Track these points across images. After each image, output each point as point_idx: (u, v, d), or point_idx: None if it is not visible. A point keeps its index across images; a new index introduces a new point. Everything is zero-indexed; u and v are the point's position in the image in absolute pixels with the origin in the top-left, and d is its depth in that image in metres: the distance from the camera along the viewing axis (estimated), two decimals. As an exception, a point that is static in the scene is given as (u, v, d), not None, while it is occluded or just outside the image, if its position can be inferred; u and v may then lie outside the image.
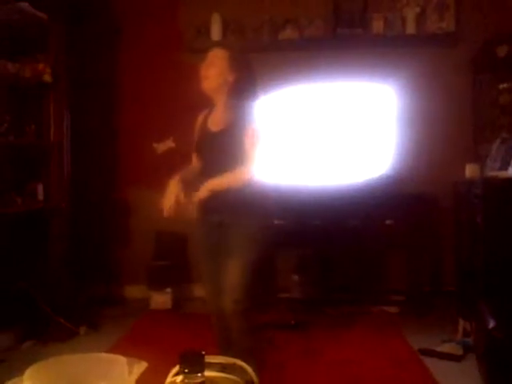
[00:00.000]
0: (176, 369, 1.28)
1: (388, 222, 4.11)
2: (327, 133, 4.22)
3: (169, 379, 1.31)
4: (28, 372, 1.11)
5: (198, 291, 4.70)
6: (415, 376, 3.02)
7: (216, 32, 4.47)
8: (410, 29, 4.34)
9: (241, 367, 1.49)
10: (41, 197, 3.79)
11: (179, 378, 1.06)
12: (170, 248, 4.59)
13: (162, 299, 4.44)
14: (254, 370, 1.39)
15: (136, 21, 4.71)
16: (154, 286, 4.47)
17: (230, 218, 2.50)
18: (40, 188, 3.78)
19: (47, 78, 3.77)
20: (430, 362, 3.18)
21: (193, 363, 1.02)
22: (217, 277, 2.52)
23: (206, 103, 2.62)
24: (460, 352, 3.27)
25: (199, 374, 1.03)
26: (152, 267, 4.53)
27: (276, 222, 3.94)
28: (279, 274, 4.46)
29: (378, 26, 4.33)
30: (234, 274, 2.44)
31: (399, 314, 4.11)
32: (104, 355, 1.27)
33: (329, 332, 3.80)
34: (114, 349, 3.38)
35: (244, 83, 2.54)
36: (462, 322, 3.55)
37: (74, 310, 3.86)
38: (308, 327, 3.86)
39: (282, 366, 3.12)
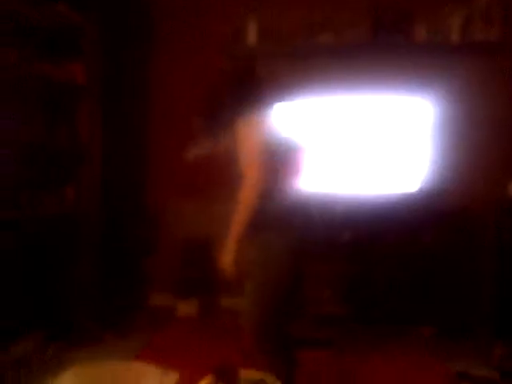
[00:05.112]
0: (206, 381, 1.25)
1: (424, 239, 3.99)
2: (362, 144, 4.14)
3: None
4: (64, 376, 1.15)
5: (224, 301, 4.66)
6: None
7: (252, 37, 4.43)
8: (455, 37, 4.20)
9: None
10: (71, 201, 3.78)
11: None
12: (197, 257, 4.56)
13: (187, 308, 4.43)
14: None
15: (171, 25, 4.71)
16: (181, 295, 4.46)
17: None
18: (71, 191, 3.78)
19: (81, 80, 3.78)
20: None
21: (226, 377, 1.00)
22: None
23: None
24: (497, 377, 3.19)
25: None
26: (179, 276, 4.51)
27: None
28: (310, 288, 4.37)
29: (420, 33, 4.22)
30: None
31: (435, 336, 3.98)
32: (136, 364, 1.28)
33: (360, 352, 3.69)
34: (141, 356, 3.38)
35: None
36: (499, 347, 3.44)
37: (101, 315, 3.86)
38: (338, 345, 3.77)
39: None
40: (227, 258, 2.14)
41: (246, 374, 1.32)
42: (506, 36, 4.14)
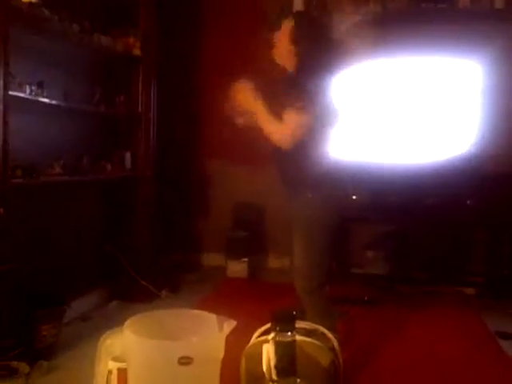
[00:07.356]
0: (264, 328, 1.34)
1: (469, 201, 4.02)
2: (410, 109, 4.16)
3: (255, 337, 1.38)
4: (128, 322, 1.21)
5: (273, 262, 4.82)
6: (492, 358, 2.98)
7: (298, 6, 4.45)
8: (499, 3, 4.16)
9: (323, 334, 1.54)
10: (128, 165, 3.95)
11: (270, 336, 1.12)
12: (247, 219, 4.71)
13: (238, 268, 4.58)
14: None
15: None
16: (231, 255, 4.62)
17: None
18: (128, 156, 3.95)
19: (137, 51, 3.92)
20: (507, 345, 3.14)
21: (284, 322, 1.05)
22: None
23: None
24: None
25: (289, 333, 1.06)
26: (230, 237, 4.66)
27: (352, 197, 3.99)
28: (354, 249, 4.47)
29: (464, 0, 4.19)
30: None
31: (477, 296, 4.03)
32: (196, 312, 1.34)
33: (402, 310, 3.78)
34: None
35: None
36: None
37: (156, 273, 4.04)
38: (380, 304, 3.86)
39: (359, 340, 3.13)
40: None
41: (300, 323, 1.35)
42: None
